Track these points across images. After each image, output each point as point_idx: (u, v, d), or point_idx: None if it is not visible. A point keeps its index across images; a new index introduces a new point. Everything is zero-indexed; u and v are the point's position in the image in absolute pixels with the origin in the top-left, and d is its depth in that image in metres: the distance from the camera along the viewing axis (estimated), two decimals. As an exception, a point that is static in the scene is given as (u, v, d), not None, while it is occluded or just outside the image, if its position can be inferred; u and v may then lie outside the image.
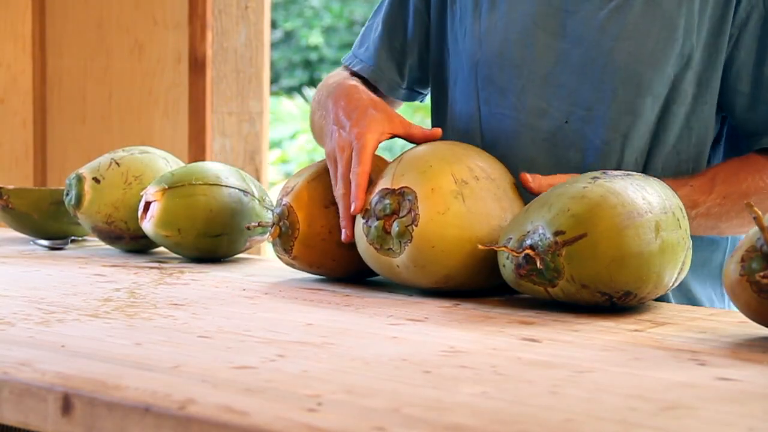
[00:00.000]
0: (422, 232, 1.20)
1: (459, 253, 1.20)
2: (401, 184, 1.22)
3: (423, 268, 1.21)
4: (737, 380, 0.86)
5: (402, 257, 1.21)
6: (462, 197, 1.21)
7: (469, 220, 1.21)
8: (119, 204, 1.57)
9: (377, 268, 1.27)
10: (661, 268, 1.13)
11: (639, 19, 1.40)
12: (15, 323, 1.05)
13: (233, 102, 3.14)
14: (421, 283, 1.24)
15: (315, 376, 0.85)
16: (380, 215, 1.23)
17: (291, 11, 9.67)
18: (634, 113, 1.41)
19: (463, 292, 1.28)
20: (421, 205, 1.20)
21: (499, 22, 1.47)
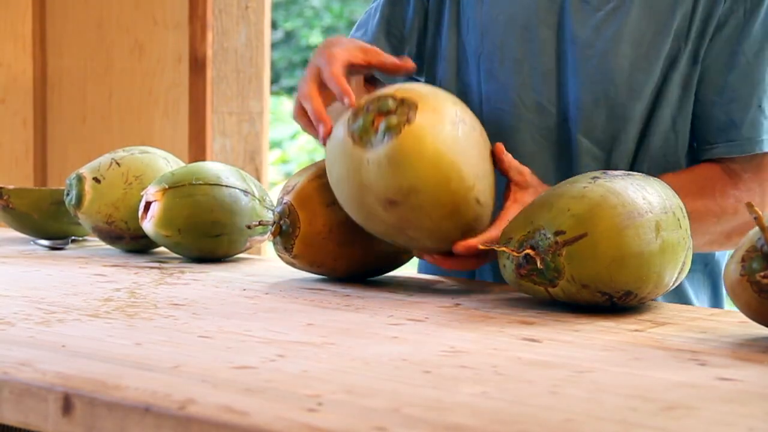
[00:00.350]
0: (413, 132, 1.16)
1: (436, 168, 1.16)
2: (404, 95, 1.19)
3: (396, 169, 1.16)
4: (737, 380, 0.86)
5: (378, 151, 1.16)
6: (459, 128, 1.19)
7: (459, 149, 1.18)
8: (119, 204, 1.57)
9: (342, 163, 1.20)
10: (662, 268, 1.13)
11: (634, 22, 1.40)
12: (15, 323, 1.05)
13: (233, 102, 3.14)
14: (381, 191, 1.17)
15: (315, 376, 0.85)
16: (373, 110, 1.18)
17: (291, 11, 9.67)
18: (624, 117, 1.41)
19: (463, 292, 1.28)
20: (419, 115, 1.17)
21: (501, 15, 1.46)
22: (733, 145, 1.40)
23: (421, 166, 1.16)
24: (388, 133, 1.16)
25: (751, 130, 1.39)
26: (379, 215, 1.20)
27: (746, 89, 1.39)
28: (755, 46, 1.39)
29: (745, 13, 1.39)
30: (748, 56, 1.39)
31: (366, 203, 1.20)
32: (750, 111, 1.39)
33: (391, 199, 1.17)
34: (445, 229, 1.20)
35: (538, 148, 1.45)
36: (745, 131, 1.39)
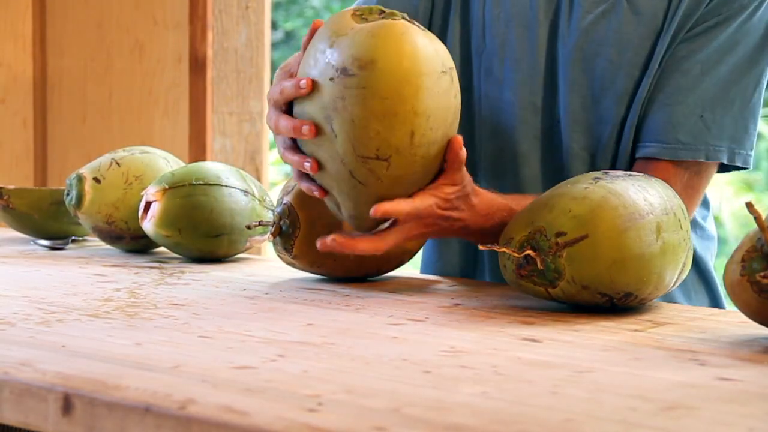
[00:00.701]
0: (408, 26, 1.13)
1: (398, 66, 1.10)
2: (416, 21, 1.17)
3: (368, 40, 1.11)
4: (737, 380, 0.86)
5: (367, 24, 1.12)
6: (440, 72, 1.13)
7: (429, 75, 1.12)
8: (120, 204, 1.57)
9: (330, 27, 1.14)
10: (662, 269, 1.13)
11: (622, 26, 1.40)
12: (15, 323, 1.05)
13: (234, 102, 3.14)
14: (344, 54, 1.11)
15: (315, 376, 0.85)
16: (385, 13, 1.15)
17: (291, 11, 9.67)
18: (610, 121, 1.41)
19: (463, 292, 1.28)
20: (422, 31, 1.14)
21: (503, 13, 1.46)
22: (666, 148, 1.39)
23: (392, 48, 1.10)
24: (387, 16, 1.14)
25: (689, 137, 1.38)
26: (322, 89, 1.12)
27: (693, 97, 1.38)
28: (713, 57, 1.38)
29: (714, 24, 1.38)
30: (704, 66, 1.38)
31: (323, 65, 1.13)
32: (691, 119, 1.38)
33: (346, 68, 1.11)
34: (366, 131, 1.11)
35: (532, 148, 1.45)
36: (682, 137, 1.38)
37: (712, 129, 1.38)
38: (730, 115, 1.39)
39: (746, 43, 1.39)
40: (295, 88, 1.14)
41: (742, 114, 1.40)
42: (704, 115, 1.38)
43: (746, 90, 1.40)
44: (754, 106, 1.41)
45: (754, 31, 1.39)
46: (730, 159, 1.40)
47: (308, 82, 1.13)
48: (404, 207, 1.16)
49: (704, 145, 1.38)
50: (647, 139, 1.40)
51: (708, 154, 1.38)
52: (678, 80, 1.39)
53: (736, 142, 1.39)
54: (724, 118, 1.39)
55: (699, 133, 1.38)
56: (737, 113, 1.39)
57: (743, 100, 1.40)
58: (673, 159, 1.39)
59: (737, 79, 1.39)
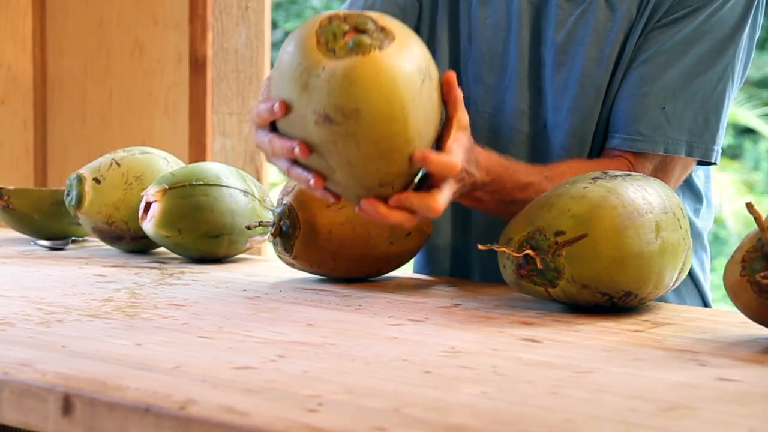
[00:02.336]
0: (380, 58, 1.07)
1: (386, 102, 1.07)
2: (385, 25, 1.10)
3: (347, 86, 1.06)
4: (737, 381, 0.86)
5: (337, 63, 1.06)
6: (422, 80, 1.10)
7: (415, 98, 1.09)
8: (120, 204, 1.57)
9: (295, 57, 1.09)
10: (662, 268, 1.13)
11: (601, 25, 1.40)
12: (15, 323, 1.05)
13: (234, 102, 3.14)
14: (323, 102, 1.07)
15: (315, 376, 0.85)
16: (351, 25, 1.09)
17: (291, 11, 9.66)
18: (592, 119, 1.41)
19: (463, 292, 1.28)
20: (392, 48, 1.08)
21: (488, 19, 1.47)
22: (626, 139, 1.38)
23: (373, 95, 1.06)
24: (355, 49, 1.07)
25: (648, 129, 1.37)
26: (307, 126, 1.10)
27: (655, 88, 1.37)
28: (679, 47, 1.38)
29: (683, 16, 1.38)
30: (669, 56, 1.37)
31: (301, 107, 1.10)
32: (652, 110, 1.37)
33: (329, 115, 1.07)
34: (366, 170, 1.11)
35: (519, 153, 1.45)
36: (642, 128, 1.37)
37: (673, 122, 1.37)
38: (692, 108, 1.38)
39: (713, 35, 1.38)
40: (270, 112, 1.11)
41: (703, 107, 1.38)
42: (666, 106, 1.37)
43: (710, 83, 1.38)
44: (717, 99, 1.39)
45: (722, 23, 1.38)
46: (689, 152, 1.38)
47: (281, 106, 1.10)
48: (451, 160, 1.11)
49: (663, 137, 1.37)
50: (612, 130, 1.40)
51: (667, 147, 1.38)
52: (642, 71, 1.38)
53: (695, 136, 1.38)
54: (685, 111, 1.38)
55: (659, 125, 1.37)
56: (699, 106, 1.38)
57: (706, 93, 1.38)
58: (632, 151, 1.38)
59: (702, 71, 1.38)
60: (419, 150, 1.10)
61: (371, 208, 1.12)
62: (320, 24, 1.09)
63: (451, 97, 1.14)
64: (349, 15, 1.10)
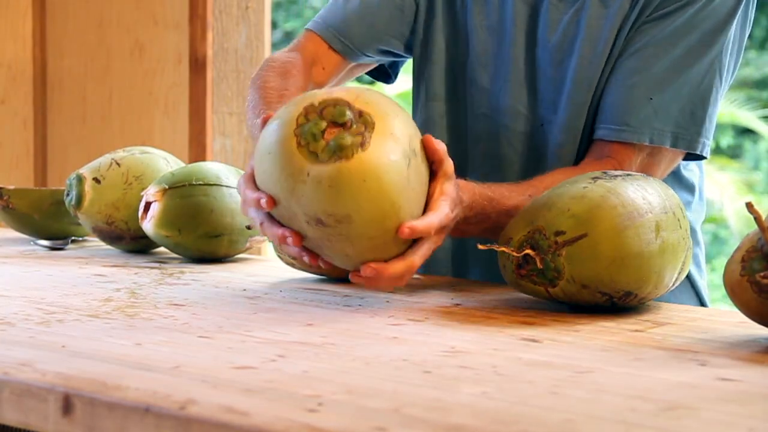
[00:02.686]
0: (364, 160, 1.05)
1: (377, 205, 1.07)
2: (363, 108, 1.08)
3: (335, 194, 1.05)
4: (738, 380, 0.86)
5: (321, 169, 1.05)
6: (409, 162, 1.08)
7: (405, 186, 1.08)
8: (120, 204, 1.57)
9: (278, 165, 1.07)
10: (662, 268, 1.13)
11: (594, 22, 1.41)
12: (15, 323, 1.05)
13: (234, 102, 3.14)
14: (313, 208, 1.07)
15: (315, 376, 0.85)
16: (327, 119, 1.06)
17: (291, 11, 9.66)
18: (583, 114, 1.42)
19: (463, 292, 1.28)
20: (374, 139, 1.06)
21: (484, 21, 1.47)
22: (613, 130, 1.39)
23: (362, 200, 1.06)
24: (337, 153, 1.05)
25: (636, 120, 1.37)
26: (300, 224, 1.10)
27: (642, 80, 1.38)
28: (668, 40, 1.38)
29: (674, 9, 1.38)
30: (657, 48, 1.38)
31: (290, 207, 1.09)
32: (641, 101, 1.37)
33: (321, 219, 1.08)
34: (364, 258, 1.12)
35: (516, 153, 1.45)
36: (629, 119, 1.37)
37: (659, 112, 1.38)
38: (678, 99, 1.38)
39: (702, 28, 1.38)
40: (256, 204, 1.11)
41: (690, 98, 1.39)
42: (653, 98, 1.37)
43: (697, 75, 1.39)
44: (704, 91, 1.39)
45: (712, 17, 1.38)
46: (674, 143, 1.38)
47: (269, 202, 1.09)
48: (432, 222, 1.12)
49: (649, 128, 1.38)
50: (600, 121, 1.41)
51: (653, 138, 1.38)
52: (631, 62, 1.39)
53: (680, 127, 1.38)
54: (672, 103, 1.38)
55: (646, 116, 1.37)
56: (685, 98, 1.38)
57: (693, 86, 1.39)
58: (619, 141, 1.38)
59: (689, 63, 1.38)
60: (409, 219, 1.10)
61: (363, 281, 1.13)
62: (297, 122, 1.07)
63: (436, 157, 1.13)
64: (325, 105, 1.07)
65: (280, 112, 1.11)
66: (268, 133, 1.10)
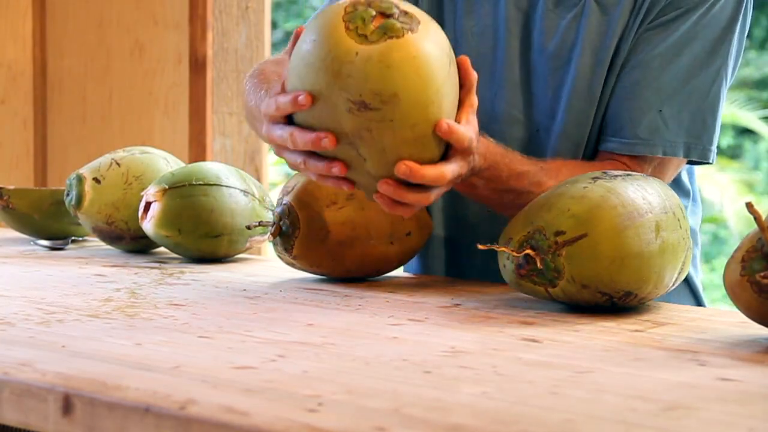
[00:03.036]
0: (415, 40, 1.07)
1: (424, 86, 1.07)
2: (408, 9, 1.09)
3: (385, 69, 1.05)
4: (738, 380, 0.86)
5: (372, 47, 1.05)
6: (450, 63, 1.11)
7: (446, 80, 1.10)
8: (120, 204, 1.57)
9: (323, 45, 1.07)
10: (662, 268, 1.13)
11: (593, 28, 1.40)
12: (15, 323, 1.05)
13: (234, 102, 3.14)
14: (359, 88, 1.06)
15: (315, 376, 0.85)
16: (375, 8, 1.08)
17: (291, 12, 9.66)
18: (586, 123, 1.42)
19: (463, 292, 1.28)
20: (422, 29, 1.08)
21: (475, 27, 1.47)
22: (624, 143, 1.39)
23: (411, 78, 1.06)
24: (389, 33, 1.06)
25: (646, 132, 1.38)
26: (338, 116, 1.08)
27: (650, 91, 1.38)
28: (671, 50, 1.38)
29: (674, 17, 1.38)
30: (663, 59, 1.38)
31: (331, 96, 1.08)
32: (649, 113, 1.38)
33: (366, 102, 1.06)
34: (399, 156, 1.10)
35: None
36: (640, 132, 1.38)
37: (670, 124, 1.38)
38: (688, 109, 1.38)
39: (705, 36, 1.38)
40: (293, 103, 1.10)
41: (699, 108, 1.39)
42: (663, 109, 1.38)
43: (705, 83, 1.39)
44: (713, 99, 1.40)
45: (714, 24, 1.38)
46: (686, 154, 1.39)
47: (307, 97, 1.08)
48: (467, 131, 1.12)
49: (661, 140, 1.38)
50: (608, 134, 1.41)
51: (665, 150, 1.38)
52: (637, 74, 1.39)
53: (692, 137, 1.39)
54: (682, 113, 1.38)
55: (656, 128, 1.38)
56: (695, 107, 1.39)
57: (701, 94, 1.39)
58: (631, 154, 1.39)
59: (696, 72, 1.38)
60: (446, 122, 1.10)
61: (391, 189, 1.11)
62: (346, 10, 1.08)
63: (468, 81, 1.16)
64: (371, 0, 1.09)
65: (317, 17, 1.10)
66: (309, 28, 1.10)
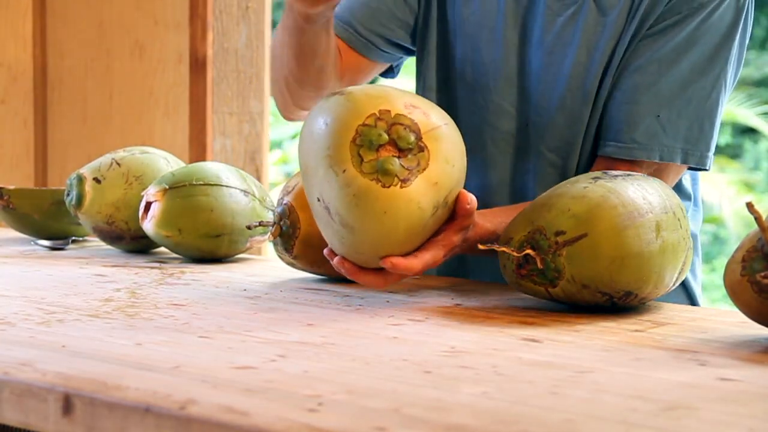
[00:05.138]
0: (396, 197, 1.09)
1: (379, 238, 1.11)
2: (429, 144, 1.10)
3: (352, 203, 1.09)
4: (738, 380, 0.86)
5: (355, 178, 1.08)
6: (434, 213, 1.13)
7: (415, 233, 1.13)
8: (120, 204, 1.57)
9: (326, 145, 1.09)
10: (662, 268, 1.13)
11: (590, 27, 1.40)
12: (15, 323, 1.05)
13: (234, 102, 3.14)
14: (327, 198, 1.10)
15: (315, 376, 0.85)
16: (393, 136, 1.09)
17: (291, 11, 9.64)
18: (576, 121, 1.41)
19: (463, 292, 1.28)
20: (417, 181, 1.10)
21: (472, 16, 1.47)
22: (622, 147, 1.39)
23: (372, 225, 1.10)
24: (377, 174, 1.08)
25: (644, 137, 1.37)
26: (312, 196, 1.14)
27: (649, 95, 1.38)
28: (671, 55, 1.38)
29: (674, 23, 1.38)
30: (661, 64, 1.38)
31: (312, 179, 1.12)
32: (647, 118, 1.37)
33: (329, 210, 1.12)
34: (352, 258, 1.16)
35: (500, 151, 1.45)
36: (637, 136, 1.38)
37: (667, 129, 1.38)
38: (686, 115, 1.38)
39: (704, 42, 1.38)
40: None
41: (697, 114, 1.39)
42: (660, 114, 1.37)
43: (704, 90, 1.39)
44: (711, 106, 1.39)
45: (713, 30, 1.38)
46: (684, 160, 1.39)
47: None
48: (415, 265, 1.15)
49: (659, 145, 1.38)
50: (606, 138, 1.41)
51: (662, 155, 1.38)
52: (636, 79, 1.38)
53: (690, 143, 1.39)
54: (680, 119, 1.38)
55: (654, 133, 1.38)
56: (693, 113, 1.38)
57: (700, 100, 1.39)
58: (627, 159, 1.39)
59: (695, 78, 1.38)
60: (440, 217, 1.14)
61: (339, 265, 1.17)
62: (365, 122, 1.09)
63: (461, 214, 1.17)
64: (397, 122, 1.09)
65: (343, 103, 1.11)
66: (327, 111, 1.11)
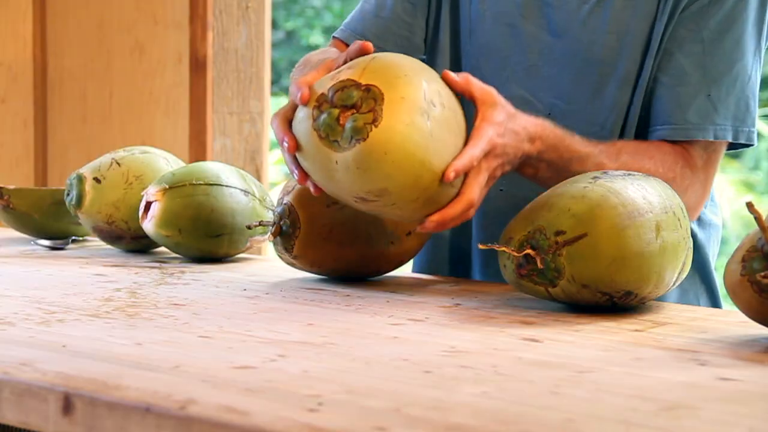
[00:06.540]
0: (380, 135, 1.10)
1: (406, 171, 1.12)
2: (369, 81, 1.12)
3: (364, 173, 1.12)
4: (738, 380, 0.86)
5: (346, 154, 1.11)
6: (428, 117, 1.13)
7: (429, 142, 1.12)
8: (120, 204, 1.57)
9: (310, 158, 1.15)
10: (662, 267, 1.13)
11: (619, 13, 1.41)
12: (16, 323, 1.05)
13: (234, 102, 3.14)
14: (352, 190, 1.14)
15: (316, 376, 0.85)
16: (338, 104, 1.12)
17: (292, 11, 9.66)
18: (613, 107, 1.42)
19: (463, 292, 1.28)
20: (386, 110, 1.11)
21: (487, 12, 1.47)
22: (676, 129, 1.40)
23: (390, 171, 1.11)
24: (354, 136, 1.11)
25: (697, 117, 1.39)
26: (351, 204, 1.19)
27: (697, 76, 1.39)
28: (714, 34, 1.39)
29: (709, 2, 1.39)
30: (705, 43, 1.39)
31: (337, 193, 1.18)
32: (698, 98, 1.39)
33: (362, 197, 1.15)
34: (419, 215, 1.18)
35: None
36: (690, 117, 1.39)
37: (719, 108, 1.39)
38: (733, 92, 1.40)
39: (744, 19, 1.39)
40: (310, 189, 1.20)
41: (743, 91, 1.41)
42: (711, 93, 1.39)
43: (746, 66, 1.41)
44: (753, 82, 1.42)
45: (750, 5, 1.39)
46: (735, 137, 1.41)
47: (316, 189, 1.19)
48: (474, 154, 1.15)
49: (712, 124, 1.40)
50: (658, 122, 1.42)
51: (716, 133, 1.40)
52: (681, 61, 1.40)
53: (739, 120, 1.41)
54: (729, 96, 1.40)
55: (707, 112, 1.39)
56: (740, 91, 1.41)
57: (744, 77, 1.41)
58: (684, 139, 1.40)
59: (740, 56, 1.40)
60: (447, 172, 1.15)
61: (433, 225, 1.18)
62: (314, 116, 1.14)
63: (461, 90, 1.18)
64: (334, 90, 1.13)
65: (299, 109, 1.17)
66: (297, 133, 1.17)
